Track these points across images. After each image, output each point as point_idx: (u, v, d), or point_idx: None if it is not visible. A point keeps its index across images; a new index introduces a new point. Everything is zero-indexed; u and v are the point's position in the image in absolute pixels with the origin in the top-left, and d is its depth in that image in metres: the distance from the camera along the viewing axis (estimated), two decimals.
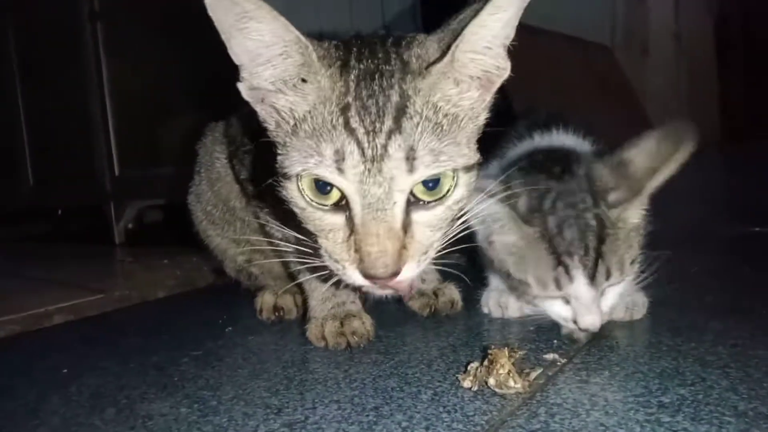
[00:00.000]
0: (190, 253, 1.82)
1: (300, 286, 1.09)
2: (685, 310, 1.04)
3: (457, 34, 0.71)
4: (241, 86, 0.73)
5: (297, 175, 0.72)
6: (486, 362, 0.80)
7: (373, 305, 1.09)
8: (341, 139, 0.68)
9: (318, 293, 1.03)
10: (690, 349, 0.88)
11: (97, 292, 1.53)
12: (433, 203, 0.73)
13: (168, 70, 2.08)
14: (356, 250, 0.71)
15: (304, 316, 1.10)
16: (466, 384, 0.80)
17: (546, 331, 1.00)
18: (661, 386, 0.77)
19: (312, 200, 0.73)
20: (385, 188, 0.69)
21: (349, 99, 0.70)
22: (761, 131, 5.51)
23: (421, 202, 0.73)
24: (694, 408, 0.70)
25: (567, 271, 0.89)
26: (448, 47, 0.71)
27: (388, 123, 0.69)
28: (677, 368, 0.82)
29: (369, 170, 0.68)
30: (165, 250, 2.05)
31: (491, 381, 0.78)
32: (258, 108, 0.75)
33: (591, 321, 0.90)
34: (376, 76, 0.71)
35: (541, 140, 1.05)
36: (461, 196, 0.76)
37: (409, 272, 0.73)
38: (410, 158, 0.69)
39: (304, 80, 0.71)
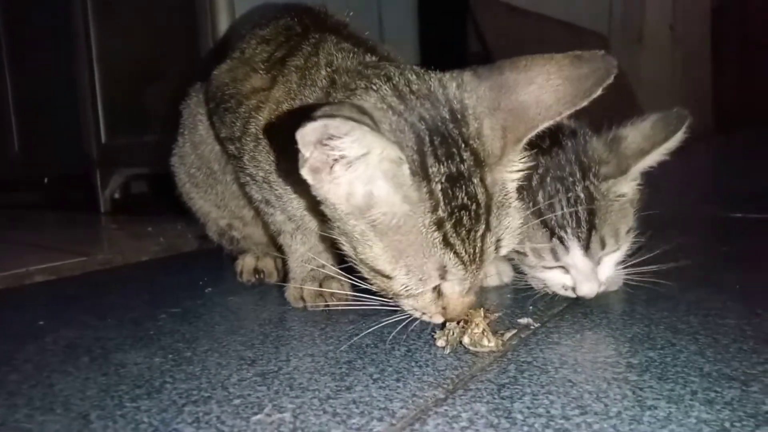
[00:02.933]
0: (175, 222, 1.83)
1: (280, 249, 1.09)
2: (662, 283, 1.05)
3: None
4: (304, 171, 0.69)
5: (392, 278, 0.73)
6: (461, 322, 0.81)
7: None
8: (442, 256, 0.70)
9: (298, 255, 1.03)
10: (663, 317, 0.90)
11: (80, 255, 1.53)
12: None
13: (158, 36, 2.06)
14: (444, 306, 0.77)
15: (284, 280, 1.10)
16: (440, 343, 0.81)
17: (521, 298, 1.01)
18: (631, 349, 0.78)
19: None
20: (479, 275, 0.75)
21: (442, 213, 0.69)
22: (753, 122, 5.54)
23: None
24: (662, 369, 0.71)
25: (562, 242, 0.92)
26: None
27: (482, 227, 0.71)
28: (648, 334, 0.83)
29: (469, 270, 0.72)
30: (150, 219, 2.05)
31: (465, 339, 0.79)
32: (318, 185, 0.71)
33: (588, 289, 0.93)
34: (460, 182, 0.69)
35: None
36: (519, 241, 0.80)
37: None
38: (497, 247, 0.74)
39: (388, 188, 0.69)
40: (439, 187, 0.68)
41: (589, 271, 0.92)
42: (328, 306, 0.99)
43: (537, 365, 0.74)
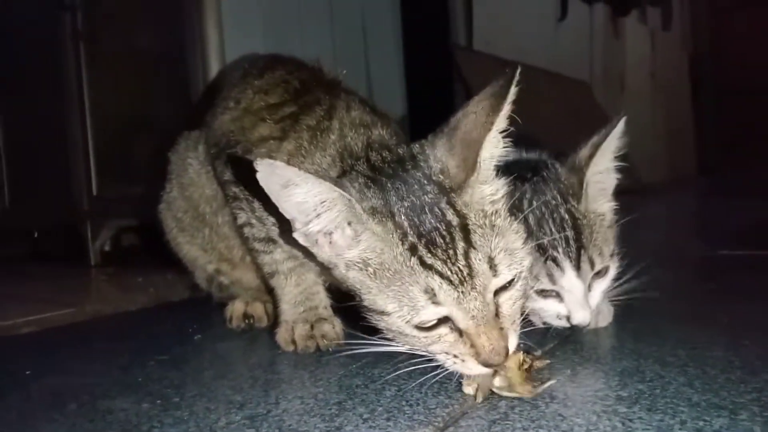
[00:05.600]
0: (165, 273, 1.82)
1: (271, 293, 1.09)
2: (650, 319, 1.06)
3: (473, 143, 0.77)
4: (297, 235, 0.79)
5: (389, 313, 0.75)
6: None
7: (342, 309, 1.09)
8: (426, 279, 0.72)
9: (290, 297, 1.03)
10: (651, 351, 0.90)
11: (68, 306, 1.52)
12: (510, 283, 0.76)
13: (150, 85, 2.10)
14: (471, 345, 0.74)
15: (274, 324, 1.09)
16: (468, 390, 0.77)
17: None
18: (621, 382, 0.78)
19: (413, 328, 0.75)
20: (482, 298, 0.73)
21: (412, 239, 0.74)
22: (733, 164, 5.66)
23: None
24: (651, 400, 0.72)
25: (556, 263, 0.94)
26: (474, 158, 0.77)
27: (461, 245, 0.73)
28: (638, 367, 0.84)
29: (462, 292, 0.72)
30: (140, 270, 2.04)
31: (496, 382, 0.76)
32: (315, 249, 0.81)
33: (582, 316, 0.95)
34: (425, 209, 0.75)
35: (523, 154, 1.13)
36: (529, 263, 0.80)
37: (513, 344, 0.77)
38: (492, 265, 0.74)
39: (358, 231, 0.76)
40: (403, 217, 0.75)
41: (581, 295, 0.95)
42: (319, 349, 0.98)
43: (527, 401, 0.74)
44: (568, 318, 0.97)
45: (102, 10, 2.22)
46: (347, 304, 0.85)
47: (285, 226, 0.91)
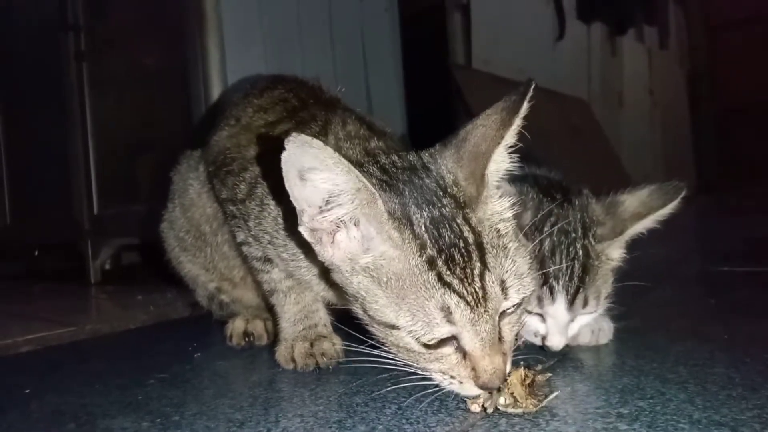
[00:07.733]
0: (165, 291, 1.82)
1: (271, 311, 1.09)
2: (651, 336, 1.06)
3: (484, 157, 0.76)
4: (302, 229, 0.76)
5: (400, 327, 0.73)
6: None
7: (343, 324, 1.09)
8: (442, 296, 0.71)
9: (290, 315, 1.04)
10: (652, 368, 0.90)
11: (68, 325, 1.52)
12: (513, 307, 0.76)
13: (151, 106, 2.12)
14: (472, 368, 0.73)
15: (274, 342, 1.09)
16: (474, 408, 0.77)
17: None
18: (621, 400, 0.78)
19: (420, 345, 0.74)
20: (493, 321, 0.73)
21: (431, 252, 0.72)
22: (732, 182, 5.68)
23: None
24: (652, 417, 0.71)
25: (551, 293, 0.95)
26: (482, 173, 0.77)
27: (478, 265, 0.72)
28: (638, 384, 0.83)
29: (476, 313, 0.71)
30: (141, 288, 2.04)
31: (501, 400, 0.76)
32: (318, 248, 0.77)
33: (558, 341, 0.97)
34: (444, 223, 0.73)
35: (538, 170, 1.13)
36: (531, 289, 0.78)
37: (509, 366, 0.76)
38: (503, 288, 0.73)
39: (370, 233, 0.73)
40: (423, 228, 0.73)
41: (564, 324, 0.96)
42: (318, 366, 0.98)
43: (528, 418, 0.74)
44: (543, 338, 0.98)
45: (104, 30, 2.25)
46: (341, 307, 0.84)
47: (288, 225, 0.91)
